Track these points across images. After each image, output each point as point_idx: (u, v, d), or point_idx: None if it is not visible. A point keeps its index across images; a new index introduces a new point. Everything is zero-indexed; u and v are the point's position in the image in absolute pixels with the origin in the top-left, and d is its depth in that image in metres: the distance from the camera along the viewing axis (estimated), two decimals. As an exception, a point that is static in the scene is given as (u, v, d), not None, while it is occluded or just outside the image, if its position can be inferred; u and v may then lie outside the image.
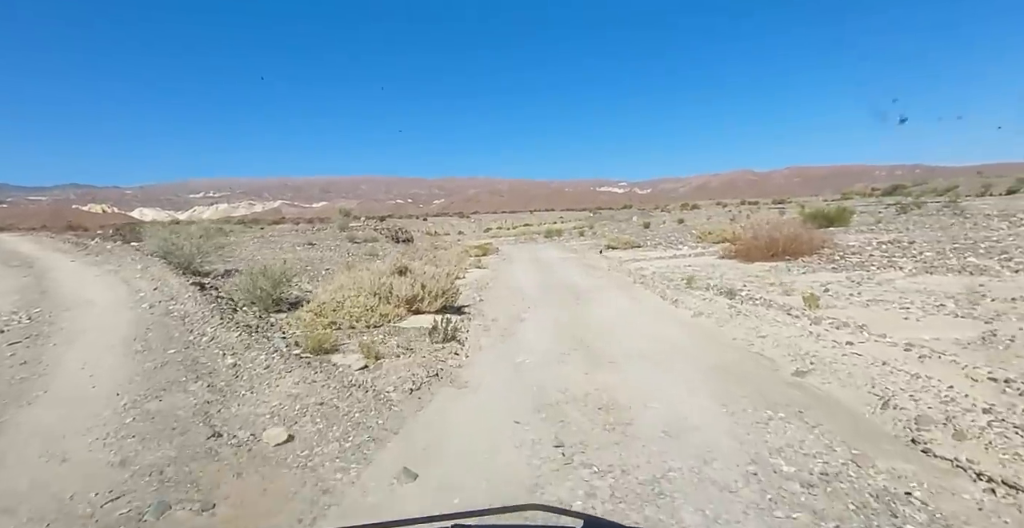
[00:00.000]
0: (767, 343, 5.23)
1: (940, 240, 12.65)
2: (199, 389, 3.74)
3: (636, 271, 13.56)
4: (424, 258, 17.14)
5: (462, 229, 77.85)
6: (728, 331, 5.83)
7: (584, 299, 9.27)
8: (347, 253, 14.14)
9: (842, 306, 6.55)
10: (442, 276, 8.43)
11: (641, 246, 22.13)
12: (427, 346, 5.44)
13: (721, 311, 6.81)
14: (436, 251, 26.34)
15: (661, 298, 8.61)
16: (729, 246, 15.24)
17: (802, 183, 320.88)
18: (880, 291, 7.58)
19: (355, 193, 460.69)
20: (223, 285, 8.67)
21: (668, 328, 6.30)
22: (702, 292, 8.58)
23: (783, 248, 13.09)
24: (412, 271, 8.20)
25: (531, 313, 8.28)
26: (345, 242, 18.02)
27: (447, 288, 7.95)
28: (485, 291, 11.37)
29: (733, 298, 7.55)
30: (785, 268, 11.29)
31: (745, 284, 9.54)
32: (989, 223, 15.79)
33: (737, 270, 12.03)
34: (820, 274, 9.97)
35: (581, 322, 7.21)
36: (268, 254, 12.61)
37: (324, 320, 6.74)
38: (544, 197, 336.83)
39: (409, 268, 8.25)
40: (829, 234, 14.39)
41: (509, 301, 9.70)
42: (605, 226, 41.25)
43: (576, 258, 19.32)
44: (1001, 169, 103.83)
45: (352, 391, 3.75)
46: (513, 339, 6.46)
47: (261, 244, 14.53)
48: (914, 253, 10.71)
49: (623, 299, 8.94)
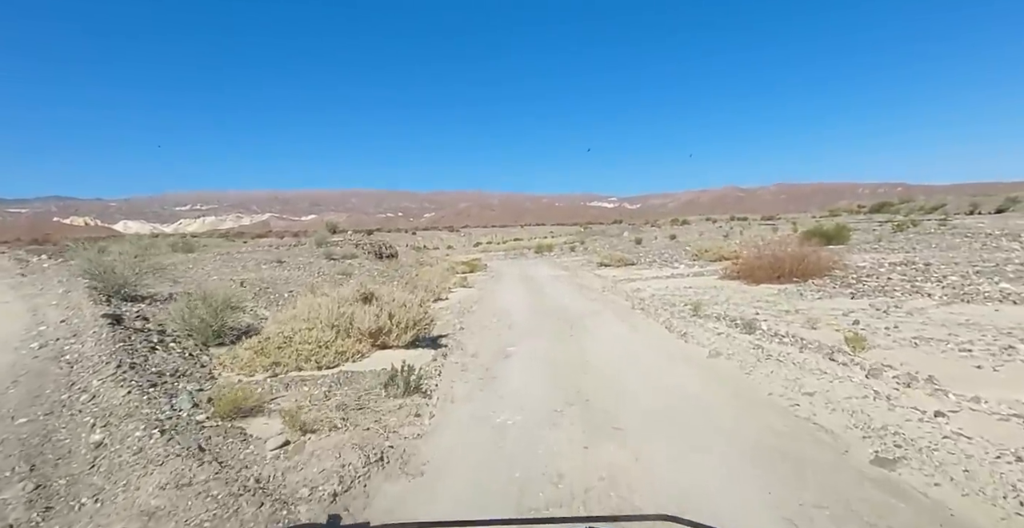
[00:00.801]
0: (817, 404, 4.07)
1: (957, 262, 11.81)
2: (19, 496, 2.53)
3: (633, 293, 12.52)
4: (404, 278, 15.96)
5: (451, 243, 76.79)
6: (759, 382, 4.67)
7: (578, 328, 8.17)
8: (318, 272, 12.91)
9: (885, 345, 5.52)
10: (414, 304, 7.26)
11: (635, 263, 21.17)
12: (382, 403, 4.26)
13: (742, 351, 5.73)
14: (421, 267, 25.16)
15: (666, 329, 7.52)
16: (730, 265, 14.29)
17: (788, 200, 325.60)
18: (917, 324, 6.58)
19: (345, 206, 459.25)
20: (159, 313, 7.43)
21: (682, 373, 5.19)
22: (714, 323, 7.52)
23: (790, 269, 12.17)
24: (379, 298, 7.04)
25: (519, 346, 7.15)
26: (320, 259, 16.79)
27: (419, 318, 6.79)
28: (468, 316, 10.23)
29: (753, 333, 6.48)
30: (796, 292, 10.32)
31: (757, 311, 8.53)
32: (998, 243, 15.07)
33: (743, 293, 11.05)
34: (838, 300, 9.00)
35: (577, 361, 6.09)
36: (227, 274, 11.36)
37: (265, 360, 5.54)
38: (535, 211, 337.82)
39: (375, 294, 7.08)
40: (837, 254, 13.50)
41: (494, 330, 8.57)
42: (596, 241, 40.41)
43: (567, 277, 18.26)
44: (978, 188, 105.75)
45: (241, 503, 2.55)
46: (495, 385, 5.32)
47: (223, 262, 13.25)
48: (936, 277, 9.80)
49: (622, 329, 7.85)
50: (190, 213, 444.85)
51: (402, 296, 7.43)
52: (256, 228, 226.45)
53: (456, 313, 10.77)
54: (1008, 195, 41.65)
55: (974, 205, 43.51)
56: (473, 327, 9.01)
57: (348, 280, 12.33)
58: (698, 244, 24.29)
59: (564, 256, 31.62)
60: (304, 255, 17.88)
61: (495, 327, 8.87)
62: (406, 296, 7.51)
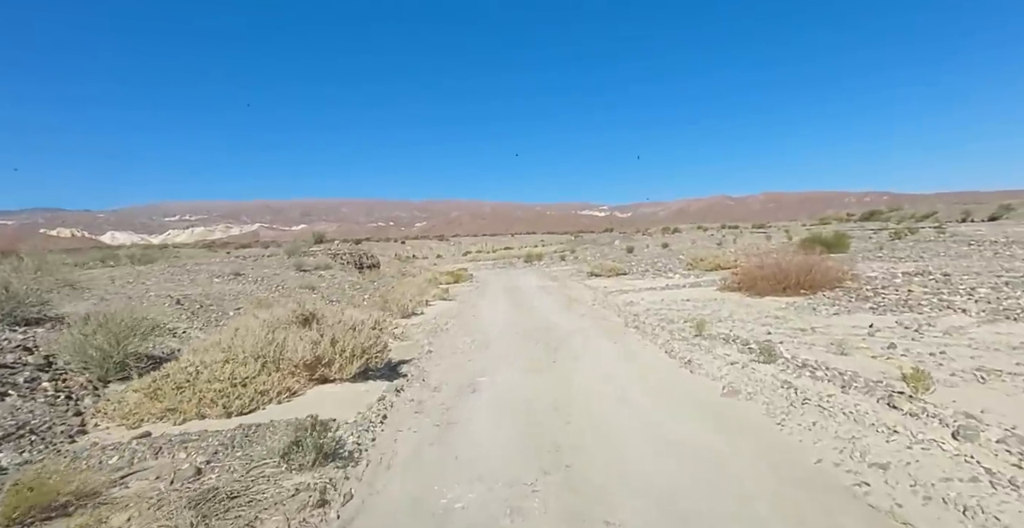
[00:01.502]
0: (901, 489, 2.78)
1: (977, 272, 10.84)
2: None
3: (625, 306, 11.39)
4: (379, 290, 14.72)
5: (441, 252, 75.49)
6: (801, 440, 3.47)
7: (563, 352, 7.00)
8: (277, 286, 11.64)
9: (944, 380, 4.36)
10: (366, 325, 6.05)
11: (627, 273, 20.09)
12: (277, 482, 2.99)
13: (766, 388, 4.56)
14: (402, 278, 23.93)
15: (666, 354, 6.36)
16: (729, 276, 13.22)
17: (777, 208, 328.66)
18: (966, 349, 5.49)
19: (336, 216, 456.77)
20: (61, 339, 6.15)
21: (692, 422, 4.01)
22: (722, 346, 6.37)
23: (797, 280, 11.12)
24: (321, 319, 5.82)
25: (491, 377, 5.96)
26: (289, 270, 15.52)
27: (370, 343, 5.58)
28: (440, 336, 9.03)
29: (773, 361, 5.33)
30: (807, 306, 9.25)
31: (769, 330, 7.42)
32: (1012, 251, 14.21)
33: (747, 308, 9.96)
34: (858, 316, 7.92)
35: (558, 399, 4.91)
36: (170, 289, 10.07)
37: (157, 405, 4.30)
38: (526, 220, 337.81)
39: (316, 316, 5.86)
40: (845, 263, 12.49)
41: (466, 354, 7.38)
42: (587, 250, 39.43)
43: (556, 288, 17.12)
44: (962, 197, 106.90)
45: None
46: (452, 436, 4.13)
47: (173, 275, 11.94)
48: (962, 289, 8.79)
49: (614, 353, 6.68)
50: (179, 224, 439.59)
51: (355, 316, 6.22)
52: (245, 238, 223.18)
53: (428, 331, 9.58)
54: (1001, 203, 41.47)
55: (966, 213, 43.31)
56: (443, 350, 7.81)
57: (311, 294, 11.09)
58: (692, 253, 23.32)
59: (554, 265, 30.53)
60: (273, 266, 16.60)
61: (468, 350, 7.69)
62: (360, 316, 6.30)
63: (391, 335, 9.01)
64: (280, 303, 8.83)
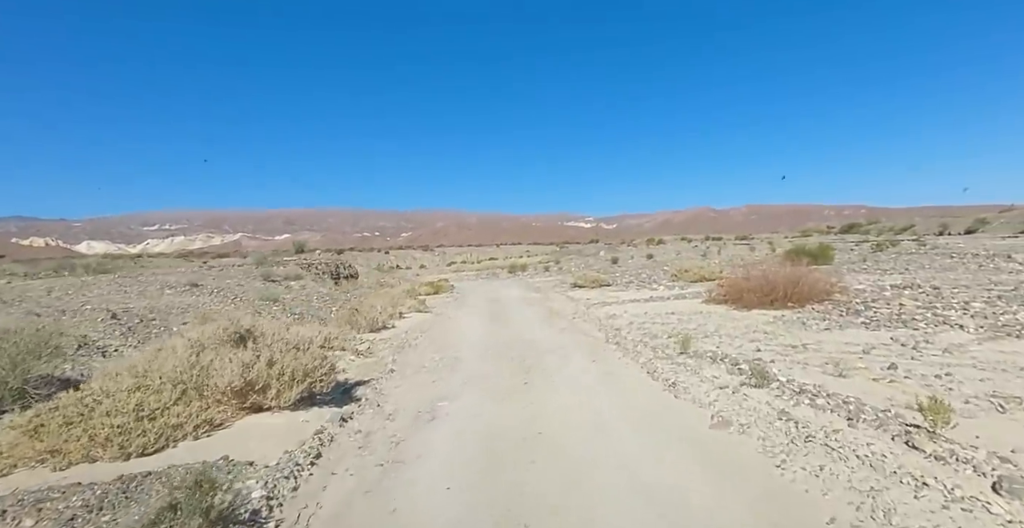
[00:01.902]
0: None
1: (966, 285, 10.53)
2: None
3: (607, 320, 10.83)
4: (351, 302, 13.96)
5: (424, 263, 74.62)
6: (807, 490, 2.90)
7: (537, 372, 6.37)
8: (235, 298, 10.84)
9: (958, 408, 3.85)
10: (313, 344, 5.36)
11: (611, 285, 19.60)
12: None
13: (760, 418, 3.97)
14: (379, 289, 23.14)
15: (648, 375, 5.77)
16: (715, 288, 12.78)
17: (759, 220, 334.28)
18: (971, 370, 5.01)
19: (321, 226, 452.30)
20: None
21: (678, 461, 3.38)
22: (709, 366, 5.80)
23: (784, 292, 10.70)
24: (261, 337, 5.11)
25: (455, 402, 5.32)
26: (255, 281, 14.67)
27: (313, 365, 4.89)
28: (408, 352, 8.35)
29: (766, 384, 4.76)
30: (796, 320, 8.79)
31: (758, 347, 6.90)
32: (996, 264, 14.04)
33: (734, 321, 9.48)
34: (850, 332, 7.46)
35: (526, 432, 4.28)
36: (114, 300, 9.22)
37: (39, 444, 3.56)
38: (512, 230, 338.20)
39: (253, 333, 5.14)
40: (834, 275, 12.14)
41: (432, 373, 6.72)
42: (572, 261, 39.02)
43: (538, 299, 16.52)
44: (935, 211, 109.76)
45: None
46: (395, 481, 3.47)
47: (120, 286, 11.06)
48: (955, 304, 8.41)
49: (592, 374, 6.07)
50: (158, 233, 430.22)
51: (302, 333, 5.52)
52: (227, 248, 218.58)
53: (396, 347, 8.88)
54: (977, 217, 42.23)
55: (943, 226, 44.02)
56: (408, 368, 7.14)
57: (272, 306, 10.31)
58: (676, 264, 22.98)
59: (537, 276, 30.00)
60: (239, 276, 15.73)
61: (435, 368, 7.02)
62: (308, 333, 5.61)
63: (354, 351, 8.32)
64: (232, 317, 8.07)
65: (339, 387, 6.08)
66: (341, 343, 8.61)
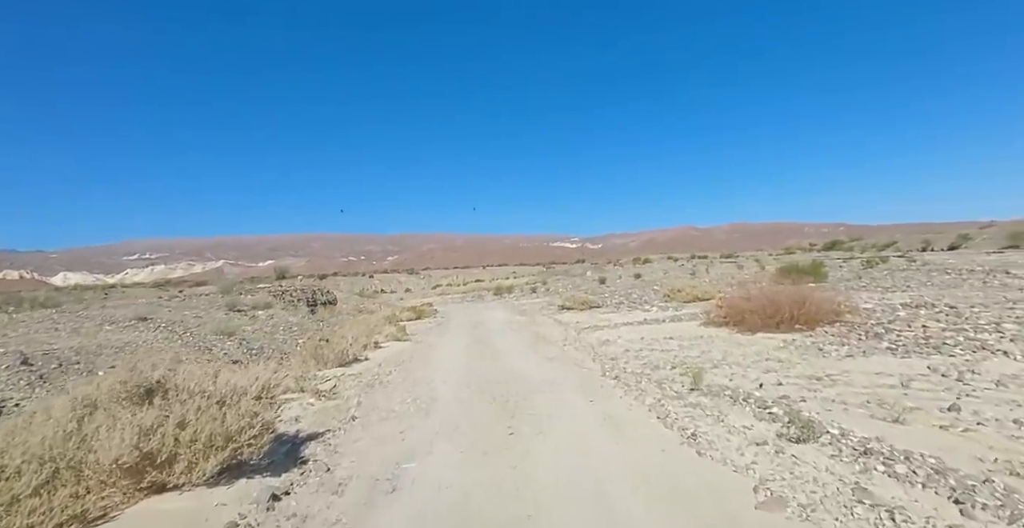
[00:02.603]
0: None
1: (984, 304, 9.84)
2: None
3: (601, 346, 9.89)
4: (321, 332, 12.82)
5: (410, 286, 73.15)
6: None
7: (524, 418, 5.36)
8: (184, 332, 9.66)
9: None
10: (247, 395, 4.31)
11: (600, 306, 18.73)
12: None
13: (829, 497, 2.82)
14: (358, 315, 21.95)
15: (660, 421, 4.79)
16: (713, 309, 11.94)
17: (741, 238, 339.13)
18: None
19: (306, 251, 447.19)
20: None
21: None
22: (731, 406, 4.86)
23: (790, 313, 9.90)
24: (173, 389, 4.05)
25: (424, 463, 4.28)
26: (217, 311, 13.46)
27: (241, 425, 3.83)
28: (376, 392, 7.28)
29: (813, 437, 3.77)
30: (811, 346, 7.95)
31: (780, 380, 6.01)
32: (1001, 280, 13.49)
33: (740, 347, 8.62)
34: (876, 359, 6.63)
35: (511, 516, 3.27)
36: (38, 340, 8.01)
37: None
38: (499, 252, 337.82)
39: (166, 384, 4.07)
40: (841, 294, 11.42)
41: (400, 420, 5.66)
42: (559, 281, 38.14)
43: (525, 323, 15.53)
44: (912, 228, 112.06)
45: None
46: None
47: (54, 322, 9.81)
48: (983, 325, 7.66)
49: (590, 421, 5.07)
50: (138, 262, 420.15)
51: (234, 382, 4.46)
52: (208, 275, 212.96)
53: (365, 384, 7.81)
54: (959, 233, 42.64)
55: (926, 242, 44.32)
56: (373, 414, 6.06)
57: (227, 342, 9.17)
58: (666, 283, 22.27)
59: (524, 298, 29.05)
60: (202, 306, 14.49)
61: (405, 413, 5.96)
62: (242, 381, 4.55)
63: (314, 392, 7.22)
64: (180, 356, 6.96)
65: (284, 444, 5.00)
66: (300, 383, 7.51)
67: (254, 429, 3.92)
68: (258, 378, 4.40)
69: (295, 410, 6.38)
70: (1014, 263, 17.65)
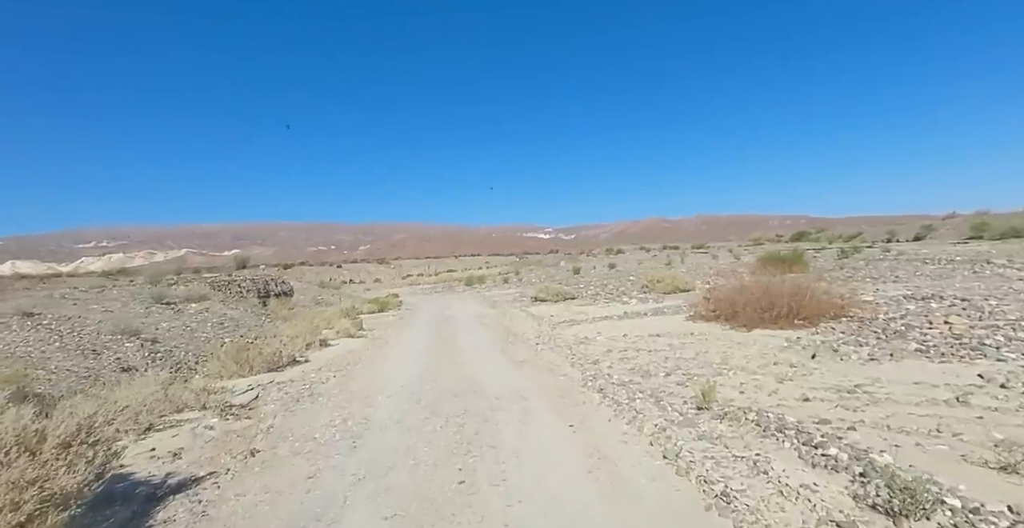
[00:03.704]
0: None
1: (994, 295, 9.00)
2: None
3: (579, 346, 8.63)
4: (258, 330, 11.13)
5: (380, 276, 70.69)
6: None
7: (483, 450, 4.01)
8: (70, 332, 7.85)
9: None
10: (49, 440, 2.79)
11: (576, 297, 17.55)
12: None
13: None
14: (314, 308, 20.13)
15: (667, 463, 3.45)
16: (700, 301, 10.82)
17: (709, 230, 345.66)
18: None
19: (273, 240, 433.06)
20: None
21: None
22: (759, 441, 3.61)
23: (788, 307, 8.84)
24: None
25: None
26: (137, 305, 11.57)
27: (25, 499, 2.34)
28: (302, 408, 5.77)
29: (921, 513, 2.45)
30: (822, 345, 6.85)
31: (805, 394, 4.83)
32: (992, 271, 12.87)
33: (740, 346, 7.49)
34: (908, 363, 5.54)
35: None
36: None
37: None
38: (472, 242, 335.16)
39: None
40: (844, 286, 10.46)
41: (315, 458, 4.20)
42: (532, 272, 36.95)
43: (495, 317, 14.18)
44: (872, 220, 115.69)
45: None
46: None
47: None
48: (1015, 320, 6.70)
49: (573, 463, 3.73)
50: (94, 250, 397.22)
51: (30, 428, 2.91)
52: (170, 264, 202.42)
53: (291, 397, 6.28)
54: (922, 224, 43.39)
55: (891, 233, 45.05)
56: (284, 445, 4.58)
57: (125, 344, 7.44)
58: (643, 274, 21.23)
59: (496, 289, 27.70)
60: (123, 298, 12.55)
61: (326, 444, 4.51)
62: (56, 425, 3.01)
63: (223, 408, 5.68)
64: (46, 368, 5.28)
65: (127, 503, 3.49)
66: (204, 397, 5.94)
67: (62, 494, 2.40)
68: (73, 416, 2.86)
69: (183, 438, 4.85)
70: (987, 253, 17.32)
